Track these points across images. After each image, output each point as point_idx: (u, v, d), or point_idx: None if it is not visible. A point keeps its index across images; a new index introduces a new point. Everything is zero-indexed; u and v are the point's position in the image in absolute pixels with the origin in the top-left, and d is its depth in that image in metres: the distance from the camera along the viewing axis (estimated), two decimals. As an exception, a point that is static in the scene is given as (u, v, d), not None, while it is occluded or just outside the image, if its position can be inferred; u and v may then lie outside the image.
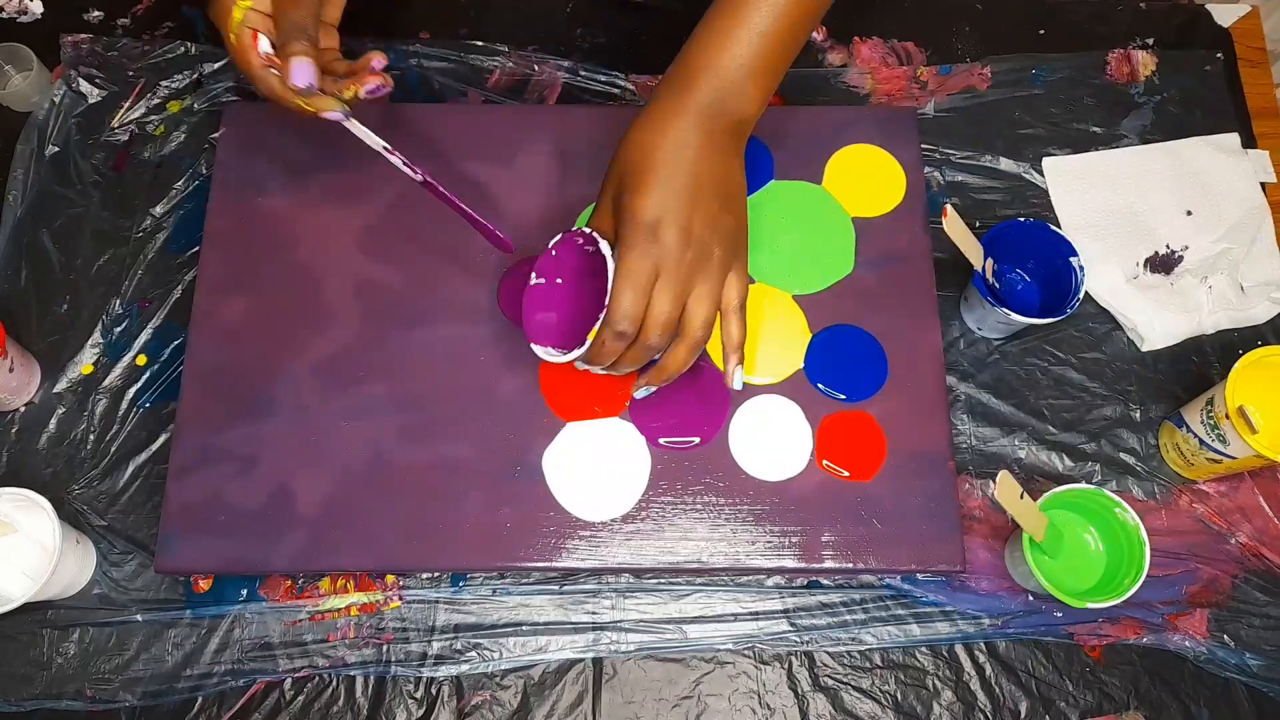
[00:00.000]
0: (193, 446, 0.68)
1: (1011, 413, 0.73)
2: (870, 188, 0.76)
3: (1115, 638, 0.68)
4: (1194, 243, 0.78)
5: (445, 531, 0.66)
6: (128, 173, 0.79)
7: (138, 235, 0.77)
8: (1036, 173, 0.81)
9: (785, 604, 0.69)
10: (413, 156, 0.64)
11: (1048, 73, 0.84)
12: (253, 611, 0.68)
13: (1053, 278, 0.73)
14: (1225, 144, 0.81)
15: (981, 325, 0.75)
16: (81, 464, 0.71)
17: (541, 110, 0.81)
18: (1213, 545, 0.70)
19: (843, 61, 0.84)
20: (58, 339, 0.74)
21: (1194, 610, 0.68)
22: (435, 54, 0.83)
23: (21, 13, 0.85)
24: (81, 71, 0.82)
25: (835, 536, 0.67)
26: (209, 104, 0.81)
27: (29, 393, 0.72)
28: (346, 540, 0.66)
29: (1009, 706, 0.67)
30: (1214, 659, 0.67)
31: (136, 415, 0.72)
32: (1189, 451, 0.70)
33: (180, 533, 0.66)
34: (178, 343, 0.74)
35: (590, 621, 0.68)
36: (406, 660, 0.67)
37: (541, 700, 0.66)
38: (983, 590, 0.69)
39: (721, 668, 0.67)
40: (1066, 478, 0.72)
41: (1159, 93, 0.83)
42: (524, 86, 0.83)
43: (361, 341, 0.71)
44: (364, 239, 0.74)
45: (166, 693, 0.66)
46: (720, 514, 0.67)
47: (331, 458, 0.68)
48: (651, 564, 0.67)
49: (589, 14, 0.87)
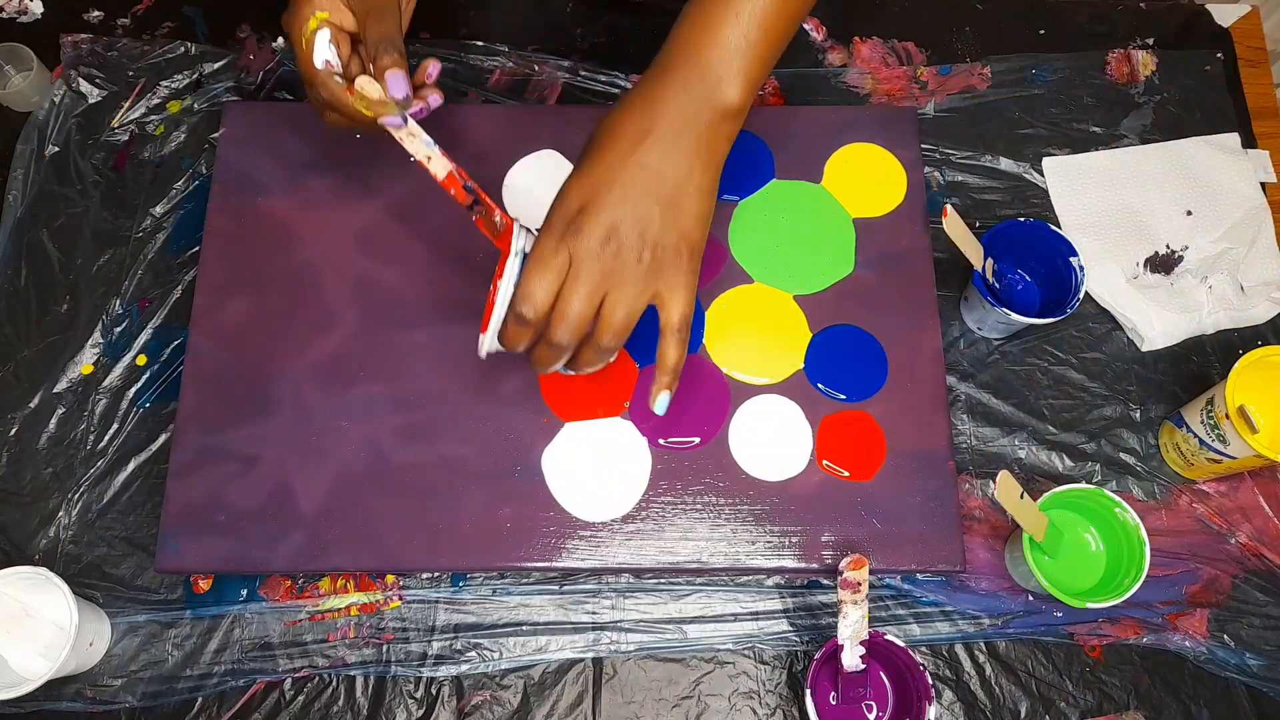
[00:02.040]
0: (193, 446, 0.68)
1: (1011, 413, 0.73)
2: (870, 188, 0.76)
3: (1115, 638, 0.68)
4: (1194, 242, 0.78)
5: (445, 531, 0.66)
6: (128, 173, 0.79)
7: (138, 235, 0.77)
8: (1036, 173, 0.81)
9: (785, 604, 0.69)
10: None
11: (1048, 73, 0.84)
12: (253, 611, 0.68)
13: (1053, 278, 0.73)
14: (1225, 144, 0.81)
15: (981, 325, 0.75)
16: (81, 464, 0.71)
17: (542, 110, 0.81)
18: (1213, 545, 0.70)
19: (843, 61, 0.84)
20: (58, 339, 0.74)
21: (1194, 610, 0.68)
22: (435, 54, 0.83)
23: (21, 12, 0.85)
24: (81, 71, 0.82)
25: (835, 536, 0.67)
26: (209, 104, 0.81)
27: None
28: (346, 540, 0.66)
29: (1009, 706, 0.67)
30: (1214, 659, 0.67)
31: (136, 415, 0.72)
32: (1189, 451, 0.70)
33: (180, 533, 0.66)
34: (178, 343, 0.74)
35: (590, 621, 0.68)
36: (406, 660, 0.67)
37: (541, 700, 0.66)
38: (983, 590, 0.69)
39: (721, 668, 0.67)
40: (1066, 478, 0.72)
41: (1159, 92, 0.83)
42: (524, 87, 0.83)
43: (361, 341, 0.71)
44: (364, 239, 0.74)
45: (166, 693, 0.66)
46: (720, 514, 0.67)
47: (331, 458, 0.68)
48: (651, 564, 0.66)
49: (589, 14, 0.87)
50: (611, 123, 0.55)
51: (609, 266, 0.53)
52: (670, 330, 0.55)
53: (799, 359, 0.71)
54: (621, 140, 0.53)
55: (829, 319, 0.72)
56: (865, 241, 0.75)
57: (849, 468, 0.68)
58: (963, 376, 0.74)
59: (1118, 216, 0.79)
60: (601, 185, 0.53)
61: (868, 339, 0.72)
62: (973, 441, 0.73)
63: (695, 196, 0.54)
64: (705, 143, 0.54)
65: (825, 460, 0.69)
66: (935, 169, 0.80)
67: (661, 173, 0.53)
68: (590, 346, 0.55)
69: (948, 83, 0.83)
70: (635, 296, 0.54)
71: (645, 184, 0.53)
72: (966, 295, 0.75)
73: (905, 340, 0.72)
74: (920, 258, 0.74)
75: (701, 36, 0.54)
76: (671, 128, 0.53)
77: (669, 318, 0.55)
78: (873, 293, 0.73)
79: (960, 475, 0.71)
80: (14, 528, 0.70)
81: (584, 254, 0.52)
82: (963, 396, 0.74)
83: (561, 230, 0.53)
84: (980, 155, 0.81)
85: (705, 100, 0.54)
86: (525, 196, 0.75)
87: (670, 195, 0.53)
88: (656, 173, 0.53)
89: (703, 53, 0.54)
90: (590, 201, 0.53)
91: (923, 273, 0.74)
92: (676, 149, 0.53)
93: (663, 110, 0.53)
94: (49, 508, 0.70)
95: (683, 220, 0.54)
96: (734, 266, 0.74)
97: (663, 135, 0.53)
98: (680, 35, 0.55)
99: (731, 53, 0.54)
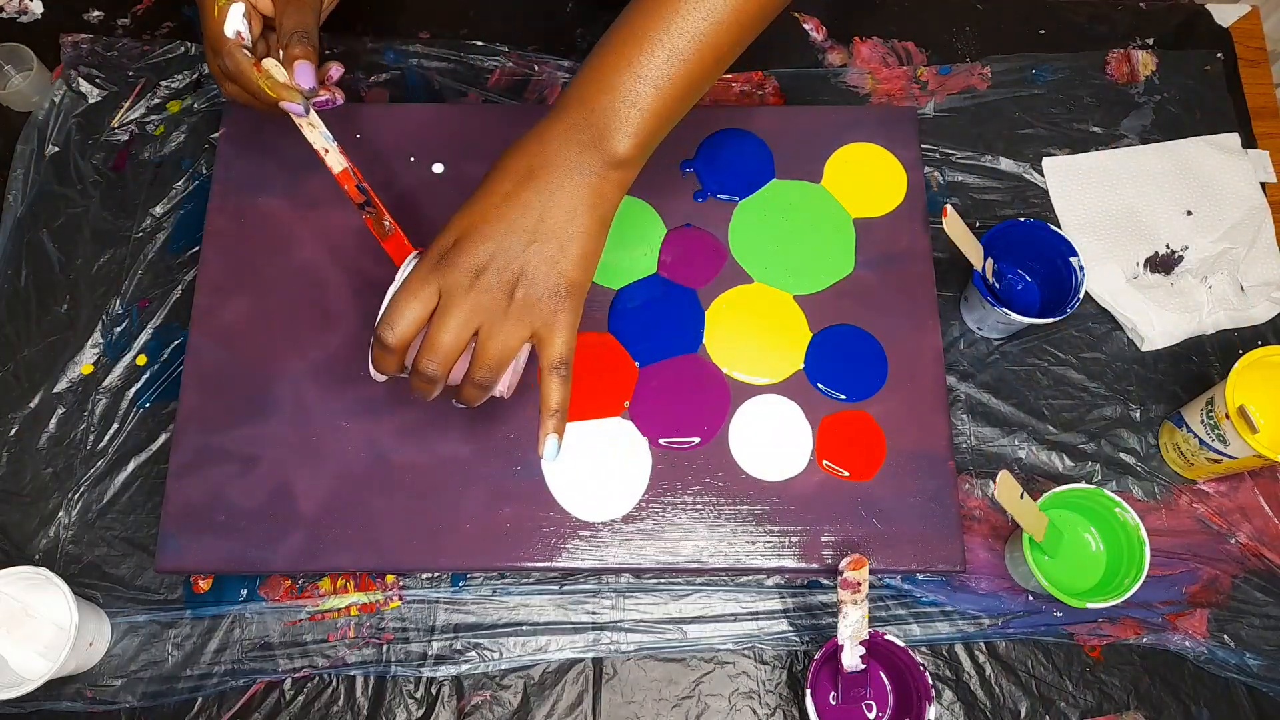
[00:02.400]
0: (192, 446, 0.68)
1: (1011, 413, 0.73)
2: (870, 187, 0.76)
3: (1115, 637, 0.68)
4: (1194, 243, 0.78)
5: (445, 531, 0.66)
6: (128, 173, 0.79)
7: (138, 235, 0.77)
8: (1036, 172, 0.81)
9: (785, 604, 0.69)
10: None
11: (1048, 72, 0.84)
12: (252, 611, 0.68)
13: (1053, 277, 0.73)
14: (1225, 144, 0.81)
15: (982, 325, 0.75)
16: (81, 464, 0.71)
17: (542, 110, 0.80)
18: (1213, 545, 0.70)
19: (843, 61, 0.84)
20: (58, 339, 0.74)
21: (1194, 610, 0.68)
22: (435, 54, 0.83)
23: (21, 12, 0.85)
24: (81, 71, 0.82)
25: (835, 536, 0.67)
26: (209, 104, 0.81)
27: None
28: (346, 540, 0.66)
29: (1009, 706, 0.67)
30: (1214, 659, 0.67)
31: (136, 415, 0.72)
32: (1189, 451, 0.70)
33: (180, 532, 0.66)
34: (178, 343, 0.74)
35: (590, 621, 0.68)
36: (406, 660, 0.67)
37: (541, 700, 0.66)
38: (983, 590, 0.69)
39: (722, 667, 0.67)
40: (1066, 478, 0.72)
41: (1159, 92, 0.83)
42: (524, 86, 0.83)
43: (361, 341, 0.71)
44: (364, 239, 0.74)
45: (166, 693, 0.66)
46: (720, 514, 0.67)
47: (331, 457, 0.68)
48: (651, 564, 0.66)
49: (589, 14, 0.87)
50: (503, 160, 0.55)
51: (479, 301, 0.53)
52: (548, 369, 0.55)
53: (799, 359, 0.71)
54: (507, 178, 0.54)
55: (829, 319, 0.72)
56: (865, 241, 0.75)
57: (849, 468, 0.68)
58: (963, 376, 0.74)
59: (1118, 216, 0.79)
60: (480, 220, 0.53)
61: (868, 339, 0.72)
62: (973, 441, 0.73)
63: (578, 238, 0.54)
64: (592, 187, 0.54)
65: (825, 460, 0.69)
66: (935, 169, 0.80)
67: (543, 213, 0.53)
68: (466, 380, 0.55)
69: (948, 83, 0.83)
70: (509, 333, 0.54)
71: (524, 223, 0.53)
72: (966, 295, 0.75)
73: (905, 340, 0.72)
74: (920, 258, 0.74)
75: (598, 82, 0.54)
76: (558, 170, 0.53)
77: (546, 356, 0.55)
78: (873, 293, 0.73)
79: (960, 475, 0.71)
80: (14, 528, 0.70)
81: (453, 286, 0.53)
82: (963, 396, 0.74)
83: (435, 261, 0.53)
84: (980, 155, 0.81)
85: (593, 146, 0.54)
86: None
87: (550, 234, 0.53)
88: (538, 213, 0.53)
89: (596, 99, 0.54)
90: (466, 235, 0.53)
91: (923, 273, 0.74)
92: (561, 191, 0.53)
93: (551, 151, 0.54)
94: (49, 508, 0.70)
95: (562, 261, 0.54)
96: (734, 266, 0.74)
97: (548, 176, 0.53)
98: (580, 78, 0.55)
99: (624, 104, 0.54)
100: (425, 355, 0.54)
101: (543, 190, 0.53)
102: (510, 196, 0.53)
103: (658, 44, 0.54)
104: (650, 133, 0.55)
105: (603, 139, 0.54)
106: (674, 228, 0.75)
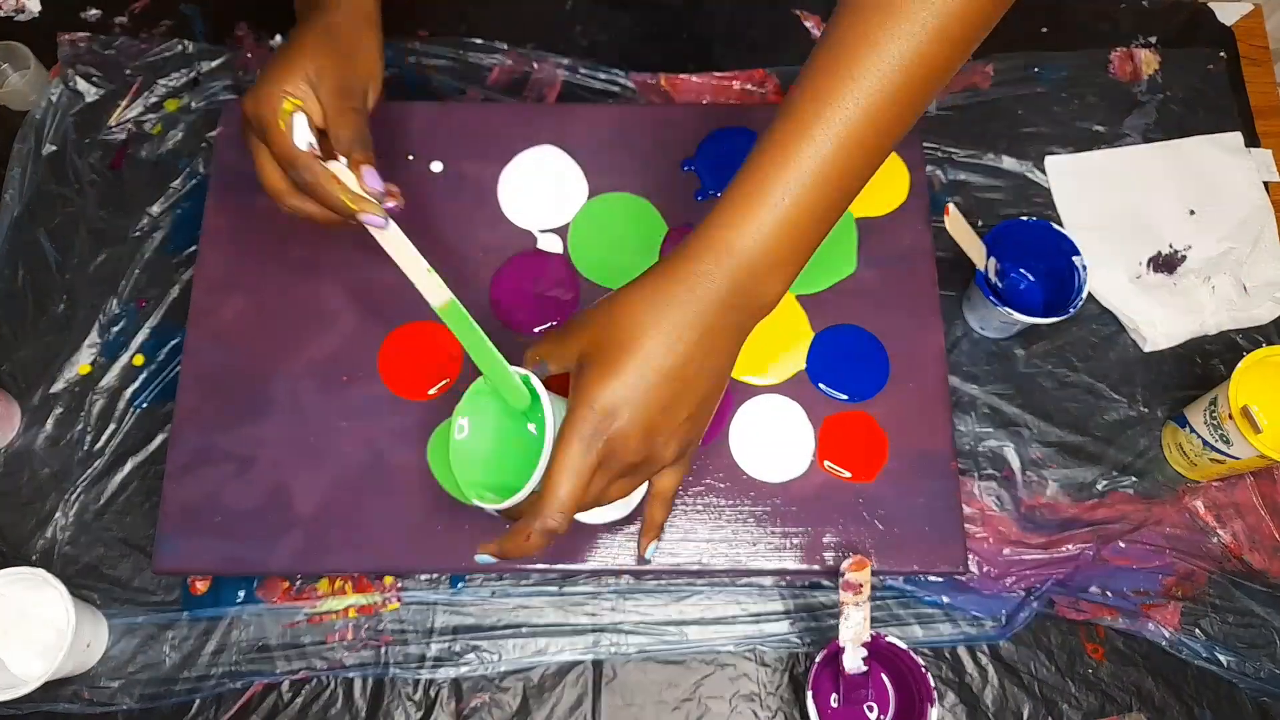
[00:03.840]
0: (190, 446, 0.68)
1: (1015, 413, 0.73)
2: (872, 187, 0.75)
3: (1091, 615, 0.68)
4: (1197, 242, 0.77)
5: (444, 532, 0.66)
6: (125, 172, 0.79)
7: (135, 234, 0.77)
8: (1039, 171, 0.80)
9: (786, 605, 0.68)
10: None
11: (1050, 71, 0.84)
12: (250, 613, 0.67)
13: (1055, 277, 0.73)
14: (1228, 143, 0.81)
15: (984, 325, 0.74)
16: (79, 464, 0.71)
17: (541, 109, 0.81)
18: (1196, 542, 0.70)
19: (844, 60, 0.84)
20: (54, 339, 0.74)
21: (1168, 602, 0.68)
22: (434, 52, 0.83)
23: (19, 11, 0.85)
24: (79, 70, 0.81)
25: (837, 538, 0.66)
26: (206, 102, 0.81)
27: (7, 436, 0.71)
28: (345, 541, 0.66)
29: (1012, 708, 0.66)
30: (1185, 650, 0.67)
31: (134, 415, 0.72)
32: (1192, 452, 0.69)
33: (177, 533, 0.66)
34: (175, 342, 0.73)
35: (590, 623, 0.68)
36: (405, 662, 0.66)
37: (541, 702, 0.66)
38: (985, 591, 0.68)
39: (722, 669, 0.67)
40: (1067, 477, 0.71)
41: (1162, 91, 0.83)
42: (523, 84, 0.83)
43: (360, 341, 0.71)
44: (362, 238, 0.73)
45: (164, 695, 0.66)
46: (721, 515, 0.67)
47: (330, 458, 0.68)
48: (652, 565, 0.66)
49: (588, 11, 0.86)
50: (639, 314, 0.50)
51: (632, 466, 0.51)
52: (661, 496, 0.56)
53: (800, 359, 0.71)
54: (653, 343, 0.49)
55: (831, 319, 0.72)
56: (867, 241, 0.74)
57: (851, 468, 0.68)
58: (965, 376, 0.74)
59: (1120, 216, 0.79)
60: (640, 390, 0.49)
61: (870, 339, 0.71)
62: (975, 442, 0.72)
63: (719, 390, 0.53)
64: (734, 345, 0.52)
65: (827, 461, 0.68)
66: (937, 168, 0.80)
67: (698, 380, 0.51)
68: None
69: (950, 81, 0.83)
70: (640, 481, 0.54)
71: (679, 392, 0.50)
72: (969, 295, 0.74)
73: (907, 340, 0.71)
74: (922, 257, 0.74)
75: (741, 227, 0.49)
76: (711, 335, 0.50)
77: (663, 485, 0.56)
78: (875, 292, 0.73)
79: (963, 476, 0.71)
80: (11, 528, 0.69)
81: (614, 458, 0.50)
82: (965, 396, 0.73)
83: (593, 435, 0.49)
84: (983, 154, 0.81)
85: (746, 304, 0.51)
86: (522, 193, 0.75)
87: (703, 398, 0.52)
88: (694, 381, 0.50)
89: (742, 247, 0.49)
90: (626, 406, 0.49)
91: (925, 272, 0.73)
92: (712, 356, 0.51)
93: (699, 315, 0.50)
94: (46, 508, 0.70)
95: (706, 412, 0.53)
96: (735, 266, 0.74)
97: (699, 345, 0.50)
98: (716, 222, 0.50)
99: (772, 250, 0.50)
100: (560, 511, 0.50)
101: (699, 357, 0.50)
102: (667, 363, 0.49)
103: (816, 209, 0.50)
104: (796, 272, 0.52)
105: (763, 307, 0.51)
106: (675, 226, 0.75)
